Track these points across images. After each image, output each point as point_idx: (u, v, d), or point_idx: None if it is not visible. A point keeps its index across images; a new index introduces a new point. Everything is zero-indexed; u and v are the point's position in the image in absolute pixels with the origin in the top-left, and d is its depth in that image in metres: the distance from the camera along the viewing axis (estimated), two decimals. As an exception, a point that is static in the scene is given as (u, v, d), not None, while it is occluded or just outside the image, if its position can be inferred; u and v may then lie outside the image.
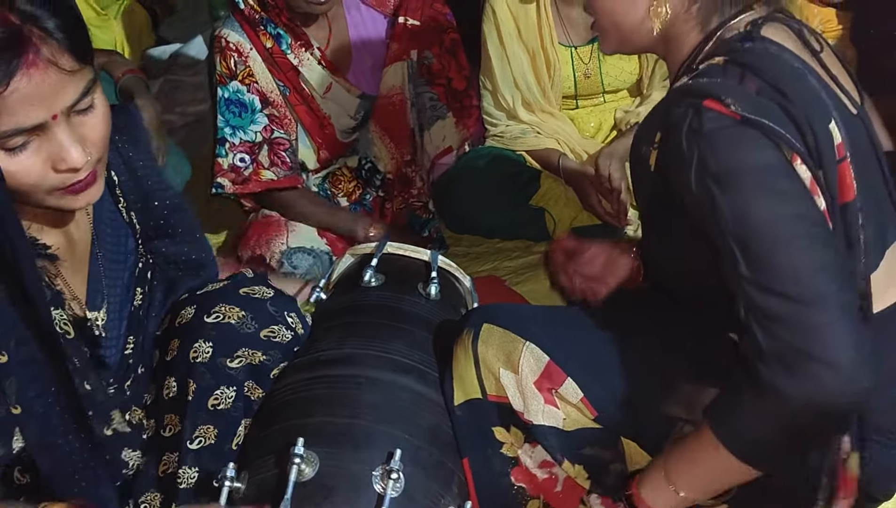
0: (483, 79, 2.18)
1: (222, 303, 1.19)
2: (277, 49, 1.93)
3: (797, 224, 0.97)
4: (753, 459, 1.00)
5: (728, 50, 1.07)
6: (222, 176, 1.95)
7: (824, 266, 0.95)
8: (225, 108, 1.94)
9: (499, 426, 1.22)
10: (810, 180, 1.00)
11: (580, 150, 2.18)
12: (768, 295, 0.95)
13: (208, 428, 1.18)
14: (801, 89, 1.03)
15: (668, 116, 1.05)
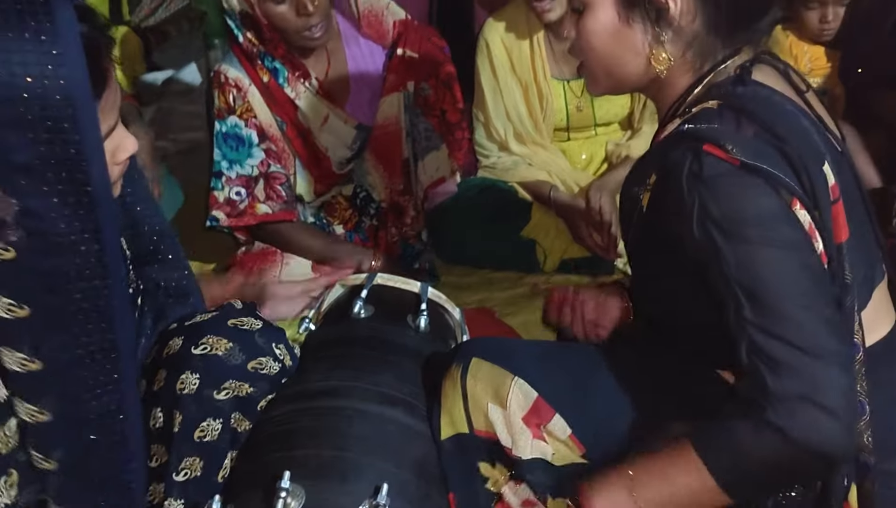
0: (476, 111, 2.20)
1: (210, 334, 1.18)
2: (274, 83, 1.95)
3: (801, 276, 0.99)
4: (734, 488, 1.01)
5: (721, 94, 1.09)
6: (217, 209, 1.97)
7: (827, 320, 0.98)
8: (222, 141, 1.96)
9: (484, 462, 1.21)
10: (809, 224, 1.02)
11: (571, 182, 2.19)
12: (774, 340, 0.97)
13: (194, 460, 1.17)
14: (795, 132, 1.05)
15: (666, 159, 1.06)
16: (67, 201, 0.90)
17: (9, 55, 0.84)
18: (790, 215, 1.00)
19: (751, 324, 0.98)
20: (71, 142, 0.88)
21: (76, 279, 0.93)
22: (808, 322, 0.97)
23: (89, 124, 0.90)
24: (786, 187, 1.00)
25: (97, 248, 0.93)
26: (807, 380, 0.95)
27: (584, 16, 1.15)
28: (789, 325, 0.97)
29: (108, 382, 0.99)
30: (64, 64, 0.86)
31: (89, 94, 0.90)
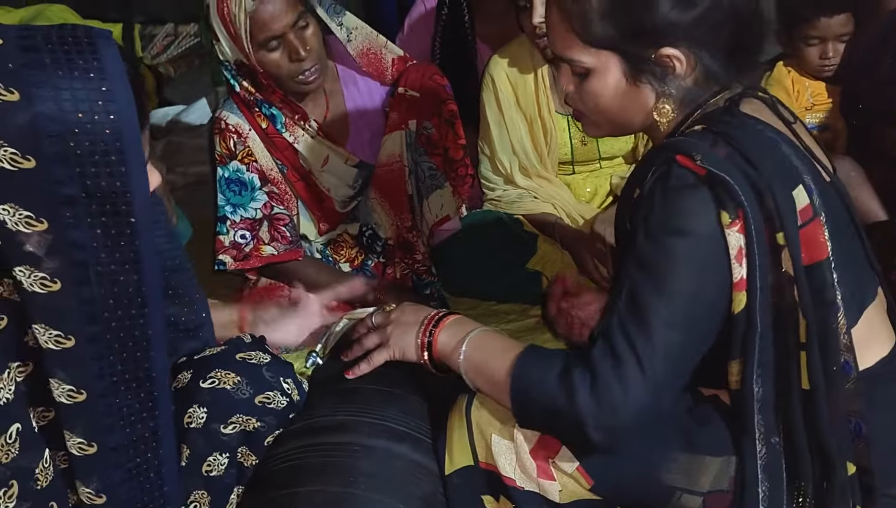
0: (481, 144, 2.21)
1: (218, 368, 1.19)
2: (273, 129, 1.97)
3: (684, 299, 1.07)
4: (517, 402, 1.14)
5: (708, 120, 1.14)
6: (224, 253, 1.98)
7: (681, 357, 1.09)
8: (225, 186, 1.98)
9: (488, 495, 1.21)
10: (739, 249, 1.07)
11: (576, 214, 2.20)
12: (621, 336, 1.08)
13: (202, 494, 1.17)
14: (770, 158, 1.10)
15: (645, 171, 1.13)
16: (110, 232, 0.92)
17: (58, 92, 0.87)
18: (720, 241, 1.07)
19: (618, 312, 1.09)
20: (117, 175, 0.91)
21: (114, 309, 0.95)
22: (660, 340, 1.06)
23: (136, 158, 0.93)
24: (738, 205, 1.05)
25: (136, 278, 0.95)
26: (622, 379, 1.06)
27: (590, 79, 1.18)
28: (641, 331, 1.07)
29: (144, 410, 1.00)
30: (113, 100, 0.89)
31: (137, 128, 0.93)
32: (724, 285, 1.08)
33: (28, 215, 0.89)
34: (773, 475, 1.11)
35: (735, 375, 1.12)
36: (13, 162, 0.87)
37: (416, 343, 1.26)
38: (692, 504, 1.14)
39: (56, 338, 0.93)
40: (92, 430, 0.99)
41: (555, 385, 1.10)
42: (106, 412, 0.98)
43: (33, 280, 0.91)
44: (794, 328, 1.09)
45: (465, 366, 1.20)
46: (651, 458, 1.14)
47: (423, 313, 1.28)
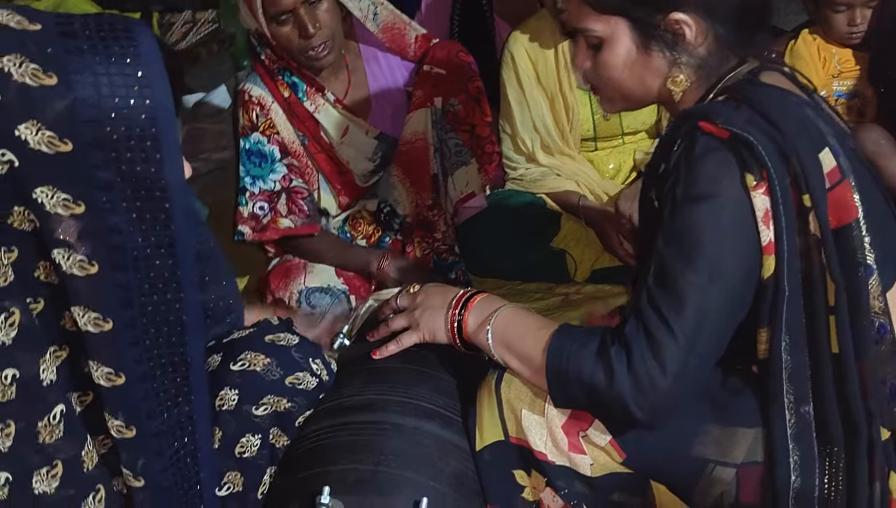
0: (502, 123, 2.20)
1: (248, 350, 1.20)
2: (294, 98, 1.99)
3: (720, 270, 1.06)
4: (553, 381, 1.13)
5: (730, 91, 1.14)
6: (243, 224, 2.01)
7: (714, 325, 1.08)
8: (246, 158, 2.01)
9: (520, 470, 1.21)
10: (766, 211, 1.06)
11: (600, 191, 2.19)
12: (652, 310, 1.07)
13: (235, 475, 1.18)
14: (794, 120, 1.10)
15: (671, 142, 1.13)
16: (145, 217, 0.93)
17: (96, 77, 0.88)
18: (744, 205, 1.06)
19: (647, 287, 1.09)
20: (152, 161, 0.92)
21: (150, 294, 0.96)
22: (692, 310, 1.06)
23: (171, 144, 0.93)
24: (762, 166, 1.05)
25: (171, 263, 0.96)
26: (658, 355, 1.06)
27: (603, 51, 1.19)
28: (672, 300, 1.06)
29: (180, 395, 1.02)
30: (149, 86, 0.90)
31: (173, 114, 0.94)
32: (752, 250, 1.07)
33: (66, 198, 0.90)
34: (803, 443, 1.10)
35: (763, 343, 1.11)
36: (51, 145, 0.88)
37: (445, 325, 1.26)
38: (725, 476, 1.13)
39: (95, 320, 0.94)
40: (132, 414, 1.00)
41: (592, 364, 1.09)
42: (144, 397, 0.99)
43: (72, 263, 0.92)
44: (824, 292, 1.09)
45: (493, 344, 1.20)
46: (684, 431, 1.14)
47: (451, 294, 1.28)
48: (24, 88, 0.87)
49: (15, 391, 0.97)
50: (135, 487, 1.05)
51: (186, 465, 1.06)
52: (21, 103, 0.87)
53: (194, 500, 1.09)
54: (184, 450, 1.04)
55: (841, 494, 1.09)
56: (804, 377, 1.10)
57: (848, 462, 1.09)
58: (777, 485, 1.09)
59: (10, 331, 0.96)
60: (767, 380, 1.11)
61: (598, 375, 1.08)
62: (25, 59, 0.87)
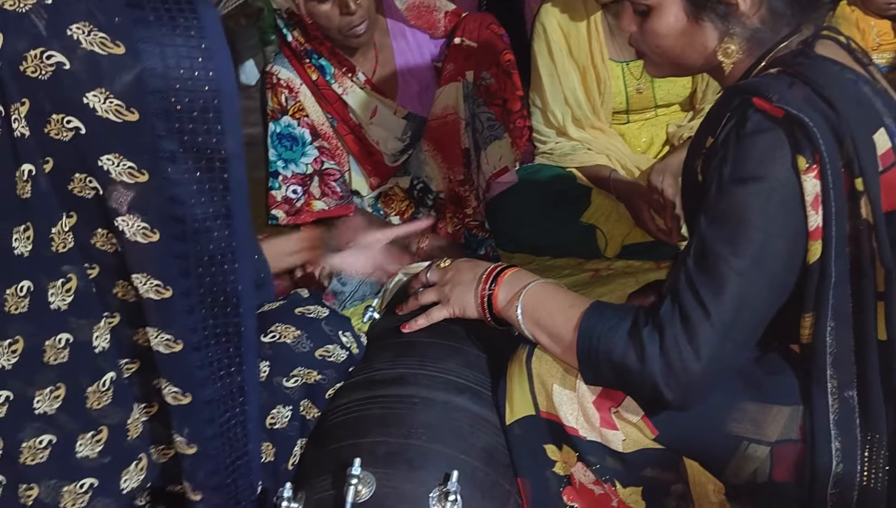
0: (533, 96, 2.17)
1: (278, 322, 1.20)
2: (322, 81, 1.98)
3: (764, 254, 1.03)
4: (583, 358, 1.12)
5: (782, 63, 1.10)
6: (276, 208, 2.01)
7: (754, 311, 1.05)
8: (277, 142, 2.00)
9: (551, 444, 1.20)
10: (814, 196, 1.02)
11: (632, 166, 2.16)
12: (689, 292, 1.05)
13: (267, 446, 1.19)
14: (850, 99, 1.06)
15: (720, 116, 1.09)
16: (205, 188, 0.94)
17: (163, 48, 0.89)
18: (794, 188, 1.03)
19: (685, 268, 1.06)
20: (214, 132, 0.92)
21: (208, 264, 0.97)
22: (731, 294, 1.03)
23: (232, 115, 0.94)
24: (815, 149, 1.01)
25: (227, 233, 0.96)
26: (692, 339, 1.04)
27: (651, 18, 1.16)
28: (711, 284, 1.04)
29: (232, 364, 1.03)
30: (212, 57, 0.91)
31: (234, 86, 0.94)
32: (798, 234, 1.04)
33: (131, 166, 0.91)
34: (846, 429, 1.08)
35: (807, 328, 1.09)
36: (118, 114, 0.89)
37: (475, 300, 1.25)
38: (759, 454, 1.11)
39: (157, 288, 0.96)
40: (187, 381, 1.01)
41: (624, 344, 1.08)
42: (200, 365, 1.00)
43: (136, 230, 0.93)
44: (873, 278, 1.06)
45: (523, 320, 1.19)
46: (719, 408, 1.12)
47: (481, 269, 1.27)
48: (93, 56, 0.88)
49: (68, 355, 0.99)
50: (185, 454, 1.06)
51: (236, 435, 1.07)
52: (89, 71, 0.88)
53: (241, 470, 1.10)
54: (234, 420, 1.05)
55: (882, 481, 1.07)
56: (849, 363, 1.08)
57: (891, 452, 1.07)
58: (818, 471, 1.08)
59: (66, 296, 0.97)
60: (811, 365, 1.09)
61: (629, 356, 1.07)
62: (94, 27, 0.88)
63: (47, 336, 0.98)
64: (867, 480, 1.07)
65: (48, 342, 0.98)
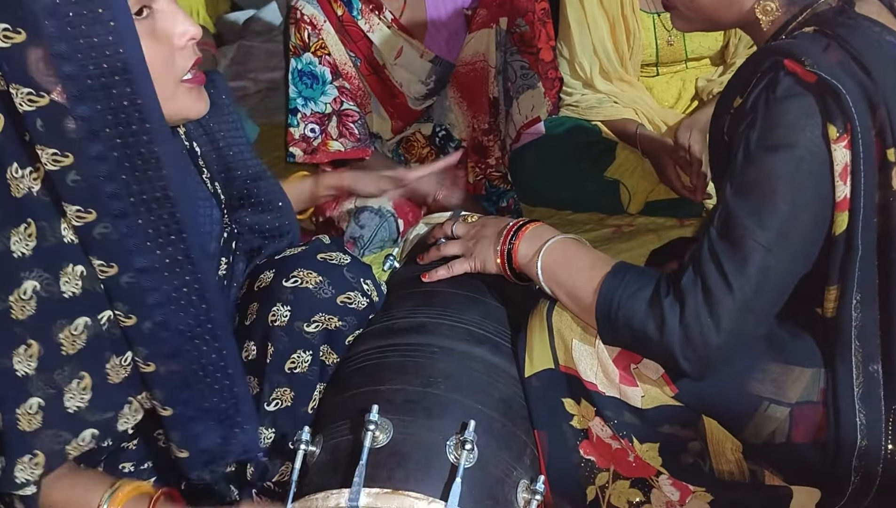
0: (560, 46, 2.13)
1: (300, 268, 1.20)
2: (348, 16, 1.95)
3: (781, 220, 1.01)
4: (602, 320, 1.11)
5: (820, 21, 1.06)
6: (294, 145, 2.01)
7: (777, 283, 1.04)
8: (298, 78, 1.99)
9: (569, 398, 1.20)
10: (844, 166, 1.00)
11: (659, 120, 2.12)
12: (711, 264, 1.03)
13: (285, 391, 1.20)
14: (887, 64, 1.02)
15: (750, 76, 1.05)
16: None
17: None
18: (823, 158, 1.00)
19: (709, 238, 1.04)
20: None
21: (114, 124, 0.92)
22: (755, 266, 1.01)
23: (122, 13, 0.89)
24: (847, 117, 0.99)
25: (129, 91, 0.91)
26: (713, 311, 1.03)
27: None
28: (735, 257, 1.02)
29: (171, 232, 0.99)
30: None
31: None
32: (825, 205, 1.02)
33: (5, 28, 0.87)
34: (870, 403, 1.07)
35: (832, 301, 1.07)
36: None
37: (494, 255, 1.24)
38: (779, 414, 1.11)
39: (54, 157, 0.92)
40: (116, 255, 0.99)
41: (644, 313, 1.07)
42: (129, 234, 0.97)
43: (21, 99, 0.90)
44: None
45: (543, 277, 1.18)
46: (740, 368, 1.11)
47: (503, 224, 1.26)
48: None
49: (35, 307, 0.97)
50: (147, 372, 1.05)
51: (193, 303, 1.03)
52: None
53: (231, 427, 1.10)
54: (187, 288, 1.02)
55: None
56: (874, 335, 1.06)
57: None
58: (843, 445, 1.07)
59: (29, 242, 0.96)
60: (835, 338, 1.07)
61: (649, 325, 1.06)
62: None
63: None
64: (892, 453, 1.07)
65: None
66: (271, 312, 1.18)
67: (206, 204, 1.23)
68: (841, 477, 1.09)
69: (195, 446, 1.11)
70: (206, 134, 1.26)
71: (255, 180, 1.30)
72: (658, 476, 1.18)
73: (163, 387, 1.06)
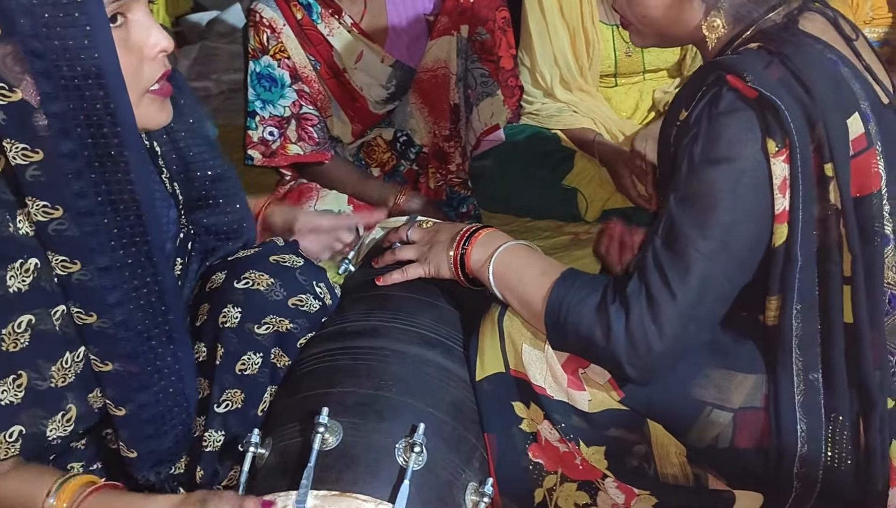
0: (521, 55, 2.15)
1: (252, 269, 1.19)
2: (308, 20, 1.95)
3: (722, 232, 1.04)
4: (550, 326, 1.14)
5: (764, 38, 1.09)
6: (253, 148, 2.01)
7: (719, 292, 1.07)
8: (256, 81, 1.99)
9: (518, 402, 1.22)
10: (782, 179, 1.03)
11: (616, 130, 2.15)
12: (656, 272, 1.06)
13: (235, 392, 1.19)
14: (826, 82, 1.05)
15: (695, 90, 1.08)
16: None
17: None
18: (763, 171, 1.03)
19: (653, 247, 1.07)
20: None
21: (86, 124, 0.93)
22: (697, 275, 1.04)
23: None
24: (786, 133, 1.01)
25: (102, 94, 0.92)
26: (656, 318, 1.05)
27: None
28: (678, 265, 1.05)
29: (136, 234, 1.00)
30: None
31: None
32: (765, 216, 1.05)
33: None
34: (811, 411, 1.09)
35: (773, 310, 1.09)
36: None
37: (448, 260, 1.25)
38: (722, 419, 1.13)
39: (23, 152, 0.93)
40: (78, 252, 0.99)
41: (591, 319, 1.09)
42: (93, 232, 0.98)
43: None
44: (839, 262, 1.07)
45: (494, 282, 1.20)
46: (684, 373, 1.13)
47: (457, 229, 1.27)
48: None
49: None
50: (118, 416, 1.06)
51: (152, 304, 1.05)
52: None
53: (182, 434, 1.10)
54: (147, 289, 1.04)
55: (845, 462, 1.09)
56: (814, 344, 1.09)
57: (853, 433, 1.09)
58: (784, 452, 1.10)
59: None
60: (776, 347, 1.10)
61: (595, 331, 1.08)
62: None
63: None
64: (831, 460, 1.10)
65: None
66: (222, 313, 1.17)
67: (164, 204, 1.23)
68: (783, 483, 1.11)
69: (145, 447, 1.10)
70: (166, 134, 1.25)
71: (215, 182, 1.30)
72: (604, 479, 1.20)
73: (117, 387, 1.06)
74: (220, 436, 1.20)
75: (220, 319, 1.17)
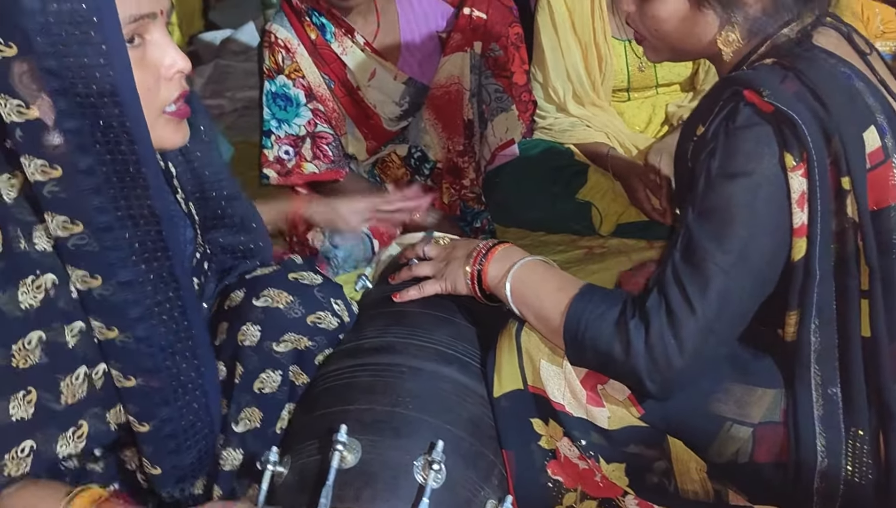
0: (534, 70, 2.16)
1: (271, 287, 1.20)
2: (321, 40, 1.97)
3: (749, 250, 1.04)
4: (569, 342, 1.13)
5: (779, 53, 1.10)
6: (268, 167, 2.02)
7: (738, 306, 1.07)
8: (271, 101, 2.01)
9: (537, 418, 1.21)
10: (801, 193, 1.03)
11: (629, 144, 2.15)
12: (676, 287, 1.06)
13: (253, 411, 1.19)
14: (841, 96, 1.06)
15: (711, 105, 1.09)
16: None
17: None
18: (780, 185, 1.03)
19: (673, 261, 1.07)
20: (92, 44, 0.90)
21: (103, 140, 0.94)
22: (716, 289, 1.04)
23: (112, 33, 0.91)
24: (803, 147, 1.01)
25: (118, 112, 0.93)
26: (676, 333, 1.05)
27: (653, 1, 1.15)
28: (697, 280, 1.05)
29: (158, 249, 1.01)
30: None
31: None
32: (783, 231, 1.05)
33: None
34: (830, 425, 1.09)
35: (792, 325, 1.09)
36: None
37: (465, 276, 1.25)
38: (742, 434, 1.13)
39: (41, 168, 0.94)
40: (98, 266, 1.00)
41: (610, 335, 1.09)
42: (114, 246, 0.98)
43: (10, 109, 0.92)
44: (857, 276, 1.06)
45: (512, 298, 1.20)
46: (704, 388, 1.13)
47: (473, 245, 1.28)
48: None
49: None
50: (141, 432, 1.06)
51: (175, 319, 1.05)
52: None
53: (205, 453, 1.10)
54: (169, 304, 1.04)
55: (865, 476, 1.09)
56: (833, 359, 1.09)
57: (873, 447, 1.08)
58: (803, 467, 1.09)
59: None
60: (795, 362, 1.10)
61: (615, 346, 1.08)
62: None
63: None
64: (852, 475, 1.09)
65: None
66: (241, 331, 1.18)
67: (181, 224, 1.23)
68: (803, 498, 1.11)
69: (168, 462, 1.11)
70: (181, 154, 1.26)
71: (230, 201, 1.30)
72: (624, 497, 1.19)
73: (140, 402, 1.06)
74: (238, 454, 1.20)
75: (238, 337, 1.18)
